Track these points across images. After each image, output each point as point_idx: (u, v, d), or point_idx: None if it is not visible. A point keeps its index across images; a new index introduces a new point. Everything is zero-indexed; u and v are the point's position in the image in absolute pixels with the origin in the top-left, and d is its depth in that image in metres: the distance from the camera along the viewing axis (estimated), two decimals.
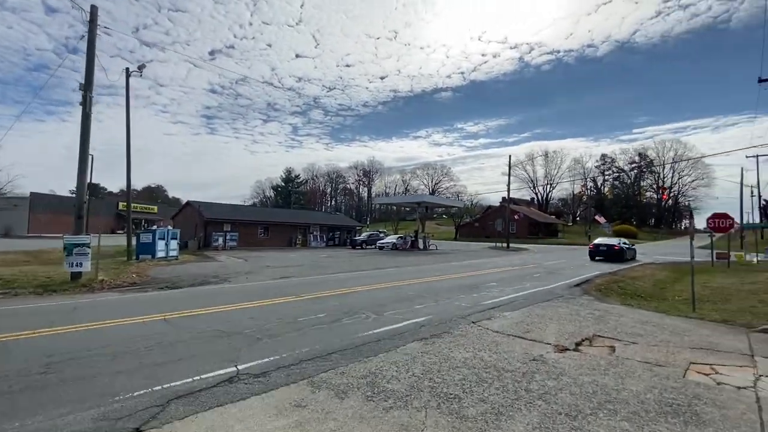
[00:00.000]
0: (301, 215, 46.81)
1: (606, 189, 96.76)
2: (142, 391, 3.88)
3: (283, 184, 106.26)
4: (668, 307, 8.91)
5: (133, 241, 20.82)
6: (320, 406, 3.60)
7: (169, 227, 25.38)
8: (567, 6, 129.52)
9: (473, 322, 7.09)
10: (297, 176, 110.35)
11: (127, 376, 4.30)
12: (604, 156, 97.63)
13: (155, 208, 69.02)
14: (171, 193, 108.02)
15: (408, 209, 41.25)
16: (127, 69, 20.36)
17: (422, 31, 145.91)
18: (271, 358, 4.93)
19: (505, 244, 38.71)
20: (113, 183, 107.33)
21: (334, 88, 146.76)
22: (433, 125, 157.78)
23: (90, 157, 13.59)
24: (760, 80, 25.15)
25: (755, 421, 3.31)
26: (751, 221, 43.07)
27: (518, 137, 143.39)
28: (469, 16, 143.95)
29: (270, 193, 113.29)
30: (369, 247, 38.74)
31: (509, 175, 39.64)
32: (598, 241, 26.25)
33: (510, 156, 39.68)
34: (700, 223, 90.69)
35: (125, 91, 20.34)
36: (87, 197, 13.34)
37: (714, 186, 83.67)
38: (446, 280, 13.52)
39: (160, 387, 3.99)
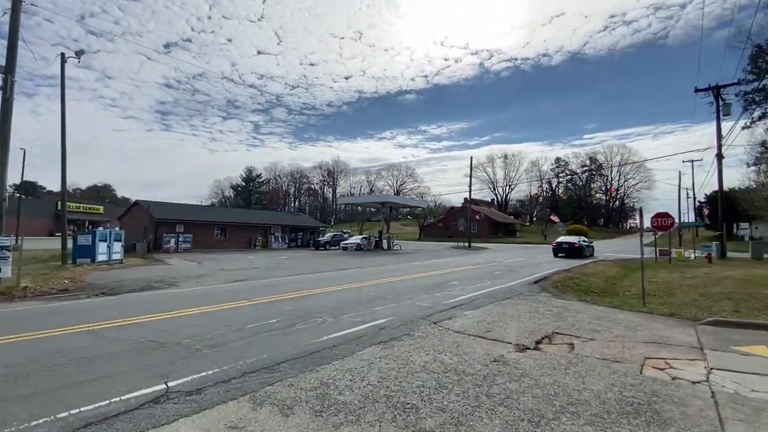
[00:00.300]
0: (261, 215, 45.18)
1: (560, 191, 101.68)
2: (41, 420, 3.23)
3: (243, 183, 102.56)
4: (621, 303, 9.19)
5: (72, 244, 18.95)
6: (260, 427, 3.14)
7: (116, 228, 23.44)
8: (523, 16, 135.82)
9: (434, 323, 6.85)
10: (258, 175, 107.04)
11: (27, 402, 3.60)
12: (558, 159, 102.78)
13: (101, 208, 64.12)
14: (120, 193, 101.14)
15: (373, 210, 40.81)
16: (62, 54, 18.47)
17: (386, 33, 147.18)
18: (210, 372, 4.38)
19: (466, 244, 39.42)
20: (54, 182, 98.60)
21: (298, 87, 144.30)
22: (398, 127, 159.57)
23: (22, 151, 12.21)
24: (696, 90, 27.29)
25: (714, 418, 3.25)
26: (687, 221, 46.76)
27: (479, 140, 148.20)
28: (432, 20, 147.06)
29: (229, 193, 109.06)
30: (333, 247, 38.07)
31: (470, 176, 40.49)
32: (560, 239, 28.05)
33: (471, 158, 40.61)
34: (644, 222, 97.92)
35: (60, 79, 18.46)
36: (6, 194, 11.84)
37: (654, 188, 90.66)
38: (408, 280, 13.31)
39: (66, 413, 3.35)
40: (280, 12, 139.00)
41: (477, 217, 51.57)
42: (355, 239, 36.79)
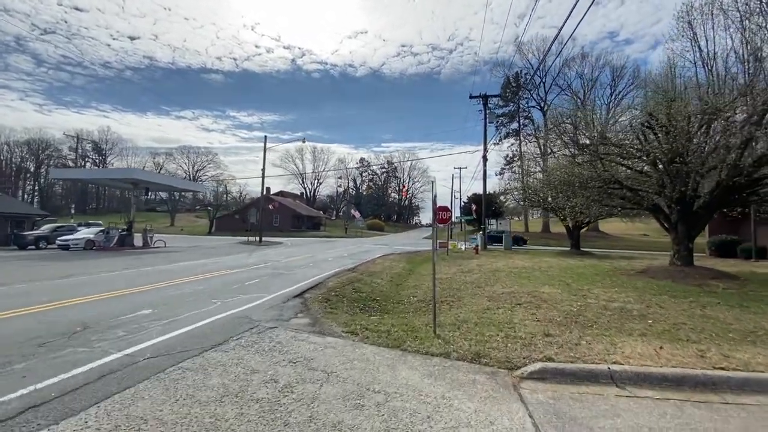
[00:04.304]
0: None
1: (363, 189, 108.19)
2: None
3: None
4: (405, 332, 5.76)
5: None
6: None
7: None
8: (332, 24, 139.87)
9: None
10: None
11: None
12: (362, 160, 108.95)
13: None
14: None
15: (140, 195, 28.30)
16: None
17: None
18: None
19: (258, 238, 33.64)
20: None
21: (54, 32, 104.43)
22: (202, 108, 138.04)
23: None
24: (471, 96, 30.04)
25: None
26: (456, 215, 55.03)
27: (292, 135, 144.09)
28: (242, 2, 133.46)
29: None
30: (52, 246, 25.67)
31: (264, 159, 34.75)
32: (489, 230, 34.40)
33: (266, 137, 34.78)
34: (425, 219, 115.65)
35: None
36: None
37: (433, 191, 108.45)
38: (45, 311, 6.80)
39: None
40: None
41: (271, 206, 46.20)
42: (86, 233, 25.43)
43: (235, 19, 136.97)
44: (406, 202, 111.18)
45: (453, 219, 38.89)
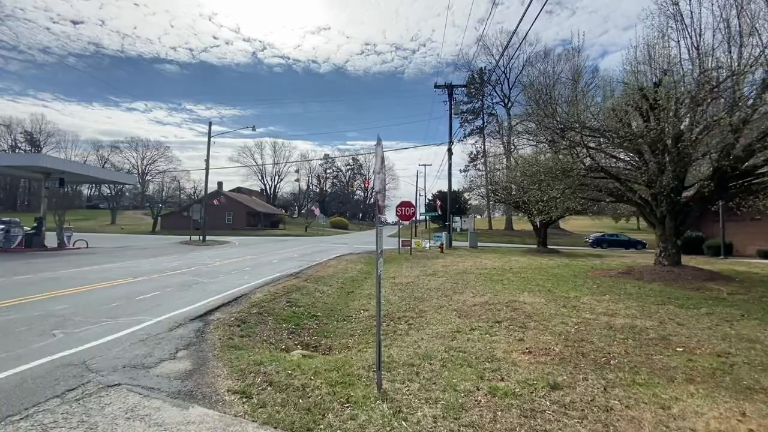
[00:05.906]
0: None
1: (328, 186, 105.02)
2: None
3: None
4: (334, 383, 3.62)
5: None
6: None
7: None
8: (294, 18, 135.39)
9: None
10: None
11: None
12: (326, 156, 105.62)
13: None
14: None
15: (52, 186, 23.86)
16: None
17: None
18: None
19: (202, 238, 30.21)
20: None
21: None
22: (155, 99, 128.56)
23: None
24: (435, 86, 28.42)
25: None
26: (422, 212, 53.76)
27: (255, 131, 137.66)
28: None
29: None
30: None
31: (209, 148, 31.28)
32: (597, 234, 32.41)
33: (210, 123, 31.34)
34: (391, 217, 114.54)
35: None
36: None
37: (398, 189, 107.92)
38: None
39: None
40: None
41: (216, 202, 42.46)
42: None
43: (190, 7, 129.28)
44: (372, 200, 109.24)
45: (417, 216, 37.33)
